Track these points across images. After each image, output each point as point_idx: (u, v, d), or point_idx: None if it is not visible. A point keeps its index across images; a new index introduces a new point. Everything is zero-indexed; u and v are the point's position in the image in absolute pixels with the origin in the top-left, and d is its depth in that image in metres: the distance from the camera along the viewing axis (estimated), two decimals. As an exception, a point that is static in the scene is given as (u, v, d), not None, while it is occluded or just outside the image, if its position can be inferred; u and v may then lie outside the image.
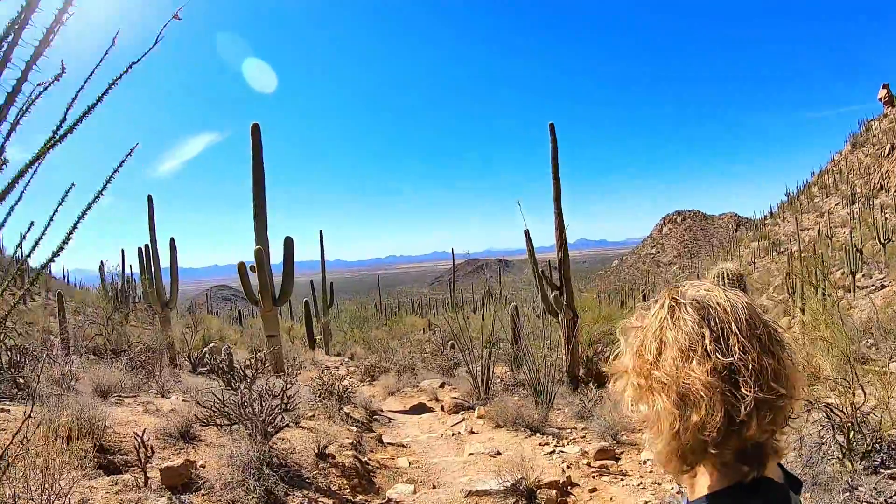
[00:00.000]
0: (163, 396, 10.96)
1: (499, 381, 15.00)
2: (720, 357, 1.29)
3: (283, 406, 7.77)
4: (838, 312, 14.60)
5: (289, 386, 8.31)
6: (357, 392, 12.53)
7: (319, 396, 11.23)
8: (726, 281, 6.03)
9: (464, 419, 12.50)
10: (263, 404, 7.26)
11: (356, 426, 11.02)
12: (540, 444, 10.19)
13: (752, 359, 1.28)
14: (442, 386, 16.44)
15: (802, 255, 54.76)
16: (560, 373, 13.38)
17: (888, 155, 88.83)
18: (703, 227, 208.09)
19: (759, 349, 1.30)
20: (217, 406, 7.40)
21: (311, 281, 35.43)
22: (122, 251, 27.13)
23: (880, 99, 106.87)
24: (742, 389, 1.26)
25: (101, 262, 28.41)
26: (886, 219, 52.21)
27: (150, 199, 20.03)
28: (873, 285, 40.98)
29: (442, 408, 13.81)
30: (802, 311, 29.92)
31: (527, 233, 15.87)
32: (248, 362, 9.00)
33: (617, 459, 9.37)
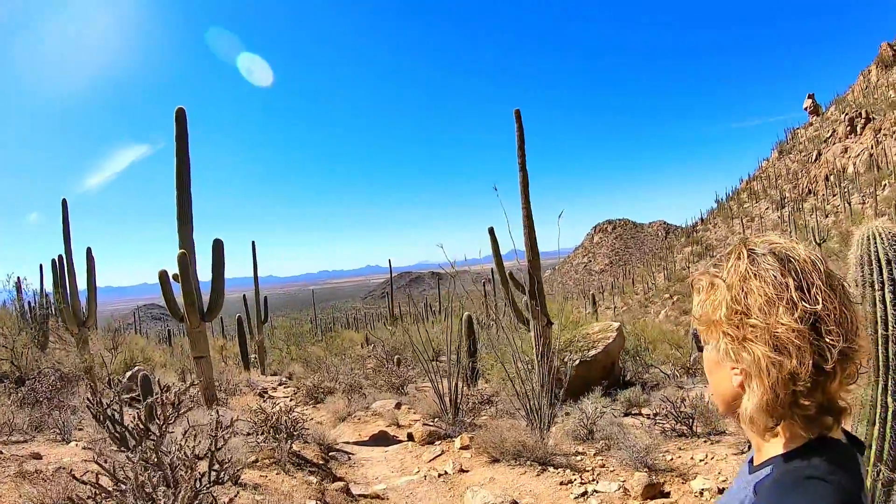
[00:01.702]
0: (63, 441, 8.97)
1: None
2: (806, 305, 1.27)
3: (215, 475, 4.97)
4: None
5: (223, 434, 5.63)
6: (307, 422, 10.26)
7: (262, 433, 9.09)
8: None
9: (443, 451, 10.49)
10: (178, 478, 4.63)
11: (312, 472, 8.77)
12: (561, 484, 8.15)
13: (834, 308, 1.28)
14: (398, 407, 14.53)
15: None
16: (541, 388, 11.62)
17: (815, 161, 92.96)
18: (633, 235, 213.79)
19: (839, 300, 1.30)
20: (96, 490, 4.22)
21: (244, 296, 33.50)
22: (41, 266, 24.19)
23: (806, 108, 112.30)
24: (827, 339, 1.25)
25: (18, 278, 25.66)
26: (818, 221, 53.62)
27: (64, 203, 17.97)
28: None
29: (410, 436, 11.72)
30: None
31: (491, 230, 14.24)
32: (157, 397, 5.39)
33: (666, 495, 7.54)
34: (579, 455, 9.40)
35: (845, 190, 72.09)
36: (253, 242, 32.81)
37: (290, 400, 17.47)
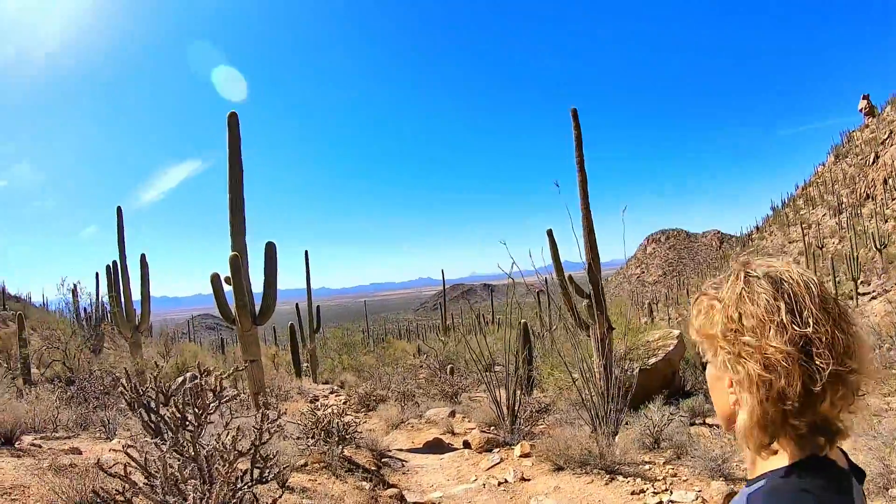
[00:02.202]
0: (107, 438, 8.83)
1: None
2: (796, 328, 1.29)
3: (258, 472, 4.43)
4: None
5: (268, 428, 4.82)
6: (360, 426, 9.90)
7: (312, 436, 8.72)
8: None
9: (502, 459, 10.00)
10: (212, 473, 4.11)
11: (364, 478, 8.36)
12: (633, 493, 7.64)
13: (825, 332, 1.30)
14: (452, 415, 14.16)
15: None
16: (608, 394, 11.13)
17: (873, 164, 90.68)
18: (686, 246, 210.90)
19: (832, 323, 1.31)
20: (125, 484, 3.76)
21: (297, 305, 33.47)
22: (97, 274, 24.49)
23: (861, 110, 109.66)
24: (817, 361, 1.27)
25: (74, 284, 26.02)
26: (878, 226, 52.03)
27: (118, 210, 18.11)
28: (874, 291, 41.69)
29: (467, 444, 11.30)
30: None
31: (550, 232, 13.78)
32: (191, 384, 4.79)
33: None
34: (647, 464, 8.89)
35: (905, 194, 69.96)
36: (306, 252, 32.55)
37: (344, 404, 17.29)
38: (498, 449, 10.64)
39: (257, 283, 13.06)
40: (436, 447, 11.71)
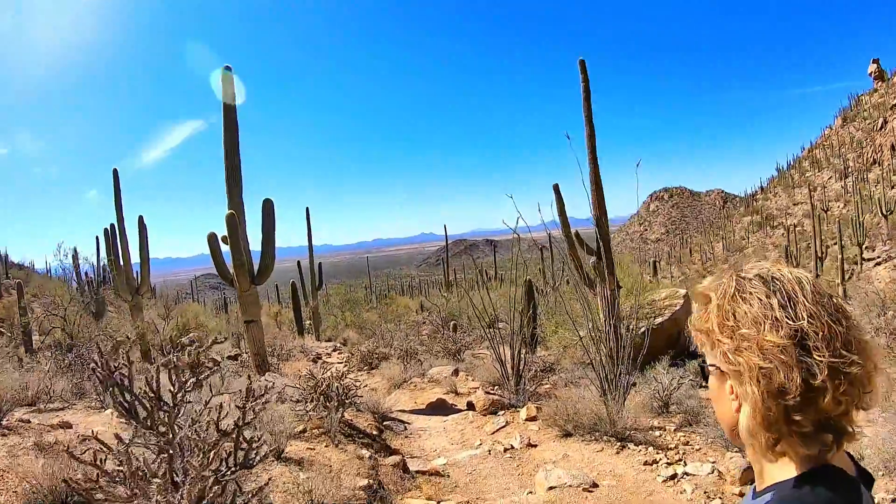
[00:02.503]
0: (101, 408, 8.60)
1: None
2: (790, 322, 1.29)
3: (242, 457, 3.97)
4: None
5: (253, 406, 4.24)
6: (360, 388, 9.58)
7: (311, 400, 8.43)
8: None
9: (507, 422, 9.77)
10: (187, 462, 3.65)
11: (365, 444, 8.13)
12: (646, 464, 7.36)
13: (820, 324, 1.29)
14: (455, 374, 13.96)
15: (800, 227, 55.55)
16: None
17: (881, 129, 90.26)
18: (690, 204, 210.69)
19: (827, 316, 1.30)
20: (98, 469, 3.37)
21: (299, 262, 33.25)
22: (97, 238, 24.21)
23: (870, 74, 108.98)
24: (814, 354, 1.26)
25: (75, 248, 25.72)
26: (884, 192, 51.80)
27: (115, 173, 17.78)
28: (879, 257, 42.66)
29: (471, 405, 11.03)
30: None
31: (556, 187, 13.47)
32: (170, 358, 4.11)
33: None
34: (658, 430, 8.63)
35: (912, 160, 69.39)
36: (307, 209, 32.14)
37: (344, 366, 17.08)
38: (503, 411, 10.42)
39: (256, 242, 12.81)
40: (439, 408, 11.48)
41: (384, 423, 9.99)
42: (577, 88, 12.98)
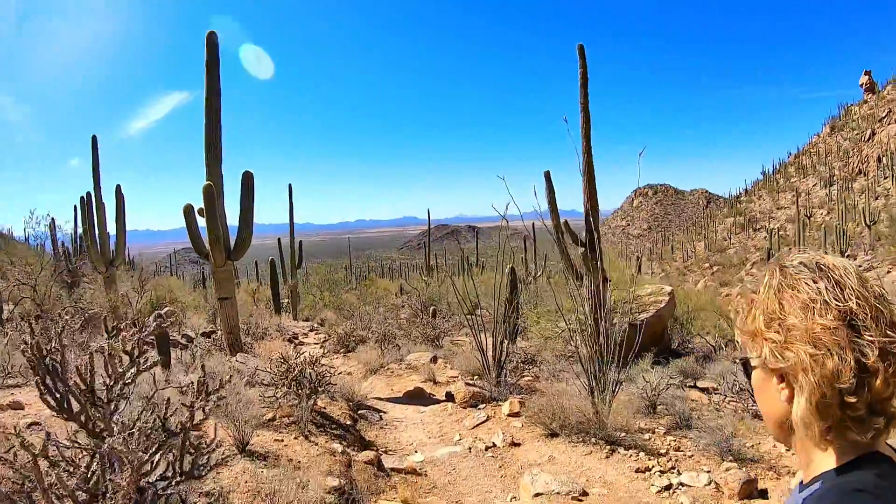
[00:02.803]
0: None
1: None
2: (840, 304, 1.29)
3: (189, 464, 3.46)
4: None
5: (202, 404, 3.70)
6: (335, 375, 9.08)
7: (282, 386, 7.89)
8: None
9: (489, 417, 9.30)
10: (111, 480, 3.07)
11: (337, 436, 7.62)
12: (638, 472, 6.94)
13: (868, 306, 1.29)
14: (434, 361, 13.60)
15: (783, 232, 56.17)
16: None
17: (868, 140, 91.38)
18: (673, 202, 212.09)
19: (874, 298, 1.31)
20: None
21: (279, 239, 32.77)
22: (75, 207, 23.49)
23: (861, 85, 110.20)
24: (866, 335, 1.26)
25: (52, 217, 25.06)
26: (868, 202, 52.47)
27: (93, 140, 17.25)
28: (861, 266, 40.85)
29: (450, 396, 10.57)
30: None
31: (547, 175, 13.05)
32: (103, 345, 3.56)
33: (764, 494, 6.38)
34: (646, 432, 8.28)
35: (898, 173, 69.86)
36: (290, 185, 31.87)
37: (321, 347, 16.70)
38: (484, 405, 9.99)
39: (236, 217, 12.37)
40: (417, 397, 11.03)
41: (359, 411, 9.53)
42: (572, 77, 12.62)
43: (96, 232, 17.24)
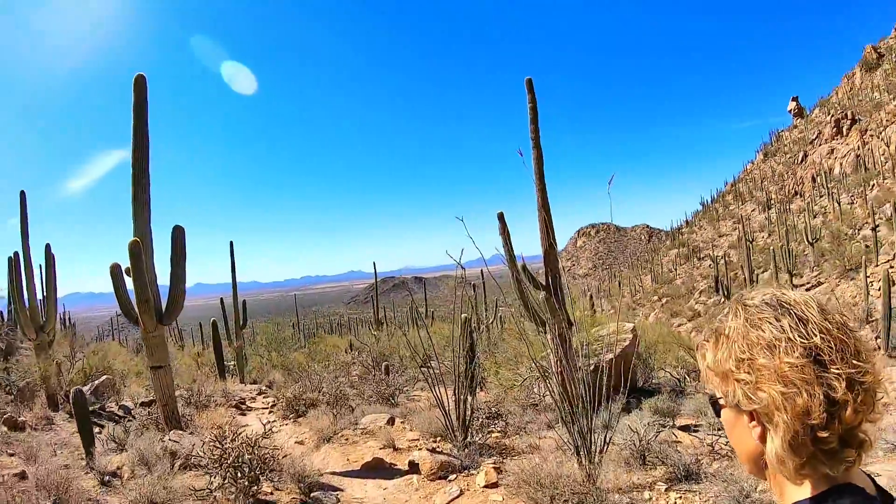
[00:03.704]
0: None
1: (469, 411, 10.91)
2: (805, 341, 1.31)
3: None
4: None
5: None
6: (283, 450, 7.93)
7: (216, 475, 6.69)
8: None
9: (462, 491, 8.08)
10: None
11: None
12: None
13: (832, 338, 1.31)
14: (391, 422, 12.48)
15: (727, 258, 57.35)
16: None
17: (801, 162, 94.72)
18: (616, 240, 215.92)
19: (836, 330, 1.33)
20: None
21: (221, 299, 31.44)
22: (9, 259, 21.43)
23: (790, 111, 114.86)
24: (832, 369, 1.28)
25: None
26: (806, 223, 54.08)
27: (22, 195, 15.98)
28: (808, 283, 43.15)
29: (413, 466, 9.35)
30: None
31: (501, 216, 12.17)
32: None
33: None
34: (644, 490, 7.31)
35: (833, 190, 71.79)
36: (231, 243, 30.77)
37: (270, 412, 15.57)
38: (454, 475, 8.81)
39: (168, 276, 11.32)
40: (376, 469, 9.83)
41: (311, 494, 8.21)
42: (523, 110, 12.01)
43: (25, 295, 15.91)
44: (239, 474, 6.40)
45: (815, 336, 1.30)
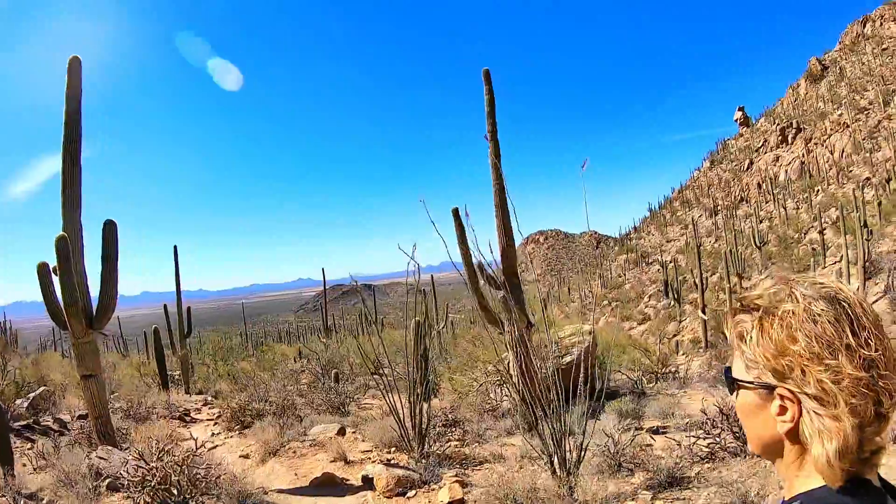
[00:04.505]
0: None
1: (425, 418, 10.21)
2: (863, 350, 1.25)
3: None
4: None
5: None
6: (224, 466, 7.01)
7: (141, 496, 5.81)
8: None
9: None
10: None
11: None
12: None
13: (883, 350, 1.26)
14: (342, 433, 11.76)
15: (675, 263, 58.24)
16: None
17: (747, 169, 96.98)
18: (565, 246, 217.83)
19: (885, 340, 1.29)
20: None
21: (165, 306, 30.15)
22: None
23: (736, 120, 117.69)
24: (881, 382, 1.24)
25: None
26: (752, 227, 55.23)
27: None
28: (757, 286, 43.09)
29: (368, 481, 8.46)
30: (703, 311, 31.27)
31: (455, 212, 11.53)
32: None
33: None
34: (623, 500, 6.63)
35: (779, 196, 73.36)
36: (175, 247, 29.22)
37: (215, 424, 14.75)
38: (413, 491, 7.93)
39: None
40: (327, 486, 8.87)
41: None
42: (479, 105, 11.50)
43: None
44: (168, 497, 5.57)
45: (871, 347, 1.23)
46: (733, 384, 1.41)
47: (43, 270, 9.54)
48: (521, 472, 6.78)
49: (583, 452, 7.03)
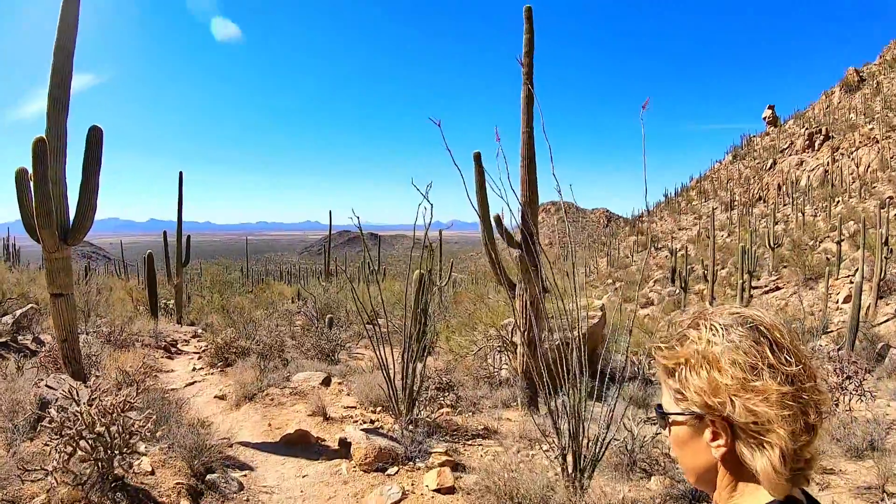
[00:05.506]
0: None
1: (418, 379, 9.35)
2: (784, 367, 1.32)
3: None
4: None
5: None
6: (194, 407, 6.07)
7: (56, 450, 4.63)
8: None
9: (404, 493, 6.15)
10: None
11: None
12: None
13: (803, 366, 1.34)
14: (327, 383, 11.02)
15: (685, 251, 57.97)
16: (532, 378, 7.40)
17: (769, 169, 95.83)
18: (575, 219, 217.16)
19: (803, 356, 1.36)
20: None
21: (164, 233, 29.39)
22: None
23: (765, 118, 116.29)
24: (804, 395, 1.31)
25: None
26: (768, 227, 54.58)
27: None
28: (767, 286, 43.53)
29: (345, 446, 7.51)
30: (711, 303, 30.68)
31: (477, 157, 10.58)
32: None
33: None
34: None
35: (798, 200, 72.34)
36: (181, 173, 27.94)
37: (199, 358, 14.07)
38: (395, 468, 6.92)
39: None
40: (298, 445, 7.97)
41: (207, 476, 6.24)
42: (517, 45, 10.53)
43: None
44: (95, 450, 4.60)
45: (792, 364, 1.30)
46: (664, 418, 1.43)
47: (21, 176, 8.67)
48: (523, 464, 5.88)
49: (603, 450, 6.01)
